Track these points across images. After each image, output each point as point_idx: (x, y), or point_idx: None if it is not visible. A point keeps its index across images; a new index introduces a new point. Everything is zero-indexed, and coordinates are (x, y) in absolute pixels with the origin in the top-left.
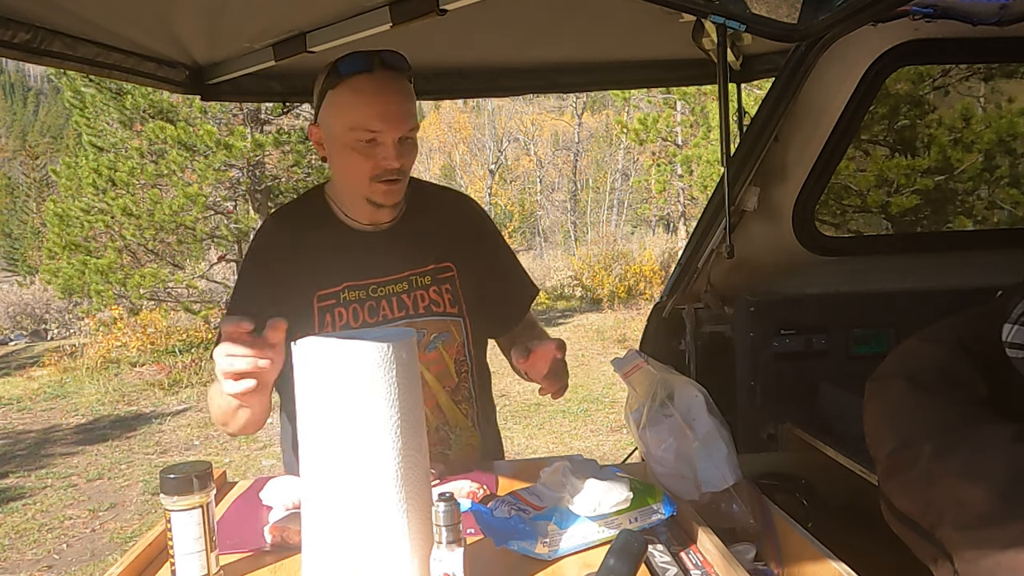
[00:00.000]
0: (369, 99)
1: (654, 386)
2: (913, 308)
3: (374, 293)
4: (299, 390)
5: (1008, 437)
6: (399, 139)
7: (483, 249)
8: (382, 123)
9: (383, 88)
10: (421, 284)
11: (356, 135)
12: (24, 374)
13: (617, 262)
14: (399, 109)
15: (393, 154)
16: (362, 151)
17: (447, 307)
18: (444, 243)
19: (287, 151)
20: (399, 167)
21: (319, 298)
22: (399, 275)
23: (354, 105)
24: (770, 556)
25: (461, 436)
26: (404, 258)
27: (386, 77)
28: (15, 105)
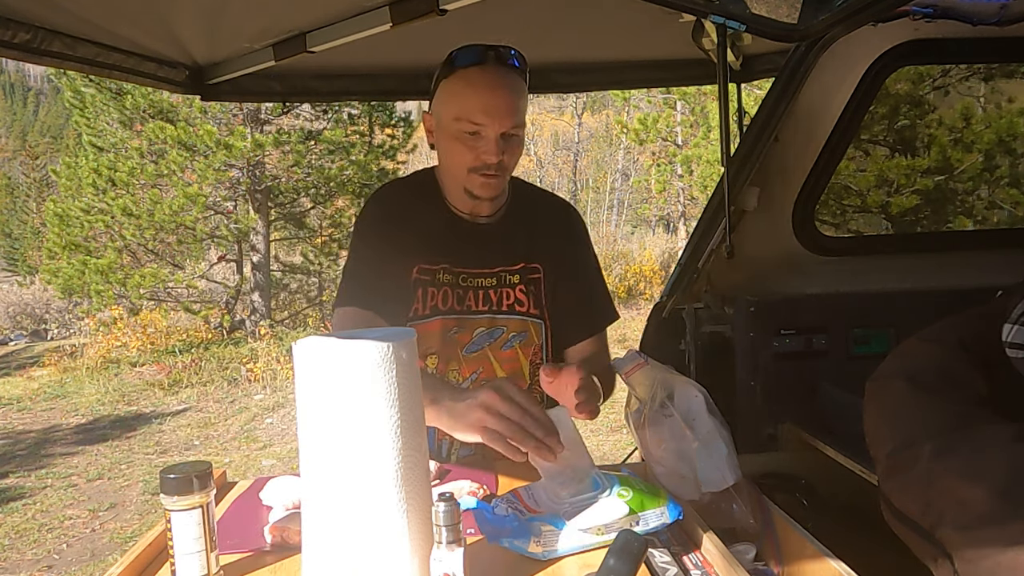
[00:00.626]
0: (477, 91)
1: (654, 386)
2: (913, 308)
3: (464, 282)
4: (299, 390)
5: (1008, 437)
6: (502, 134)
7: (575, 260)
8: (486, 117)
9: (492, 82)
10: (509, 282)
11: (461, 125)
12: (24, 374)
13: (617, 262)
14: (505, 104)
15: (494, 148)
16: (465, 142)
17: (530, 308)
18: (537, 244)
19: (287, 151)
20: (498, 162)
21: (419, 270)
22: (490, 269)
23: (462, 96)
24: (770, 556)
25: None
26: (498, 254)
27: (498, 72)
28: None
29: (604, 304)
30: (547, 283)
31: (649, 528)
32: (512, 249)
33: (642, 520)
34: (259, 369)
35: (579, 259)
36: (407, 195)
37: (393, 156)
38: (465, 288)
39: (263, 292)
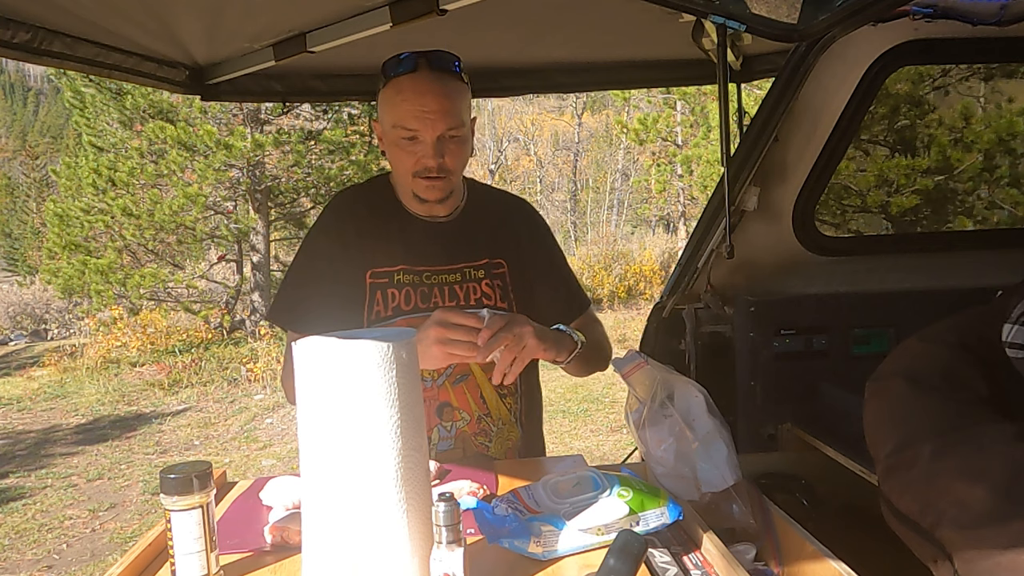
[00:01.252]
0: (407, 98)
1: (654, 386)
2: (913, 308)
3: (427, 280)
4: (299, 390)
5: (1008, 437)
6: (439, 138)
7: (536, 252)
8: (419, 123)
9: (423, 88)
10: (474, 277)
11: (398, 132)
12: (24, 374)
13: (617, 262)
14: (437, 108)
15: (431, 152)
16: (404, 148)
17: (497, 301)
18: (499, 240)
19: (287, 151)
20: (438, 165)
21: (372, 275)
22: (453, 266)
23: (395, 103)
24: (770, 556)
25: (503, 431)
26: (459, 250)
27: (429, 77)
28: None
29: (573, 295)
30: (512, 277)
31: (649, 528)
32: (473, 246)
33: (642, 520)
34: (259, 369)
35: (544, 253)
36: (360, 201)
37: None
38: (430, 286)
39: (263, 292)
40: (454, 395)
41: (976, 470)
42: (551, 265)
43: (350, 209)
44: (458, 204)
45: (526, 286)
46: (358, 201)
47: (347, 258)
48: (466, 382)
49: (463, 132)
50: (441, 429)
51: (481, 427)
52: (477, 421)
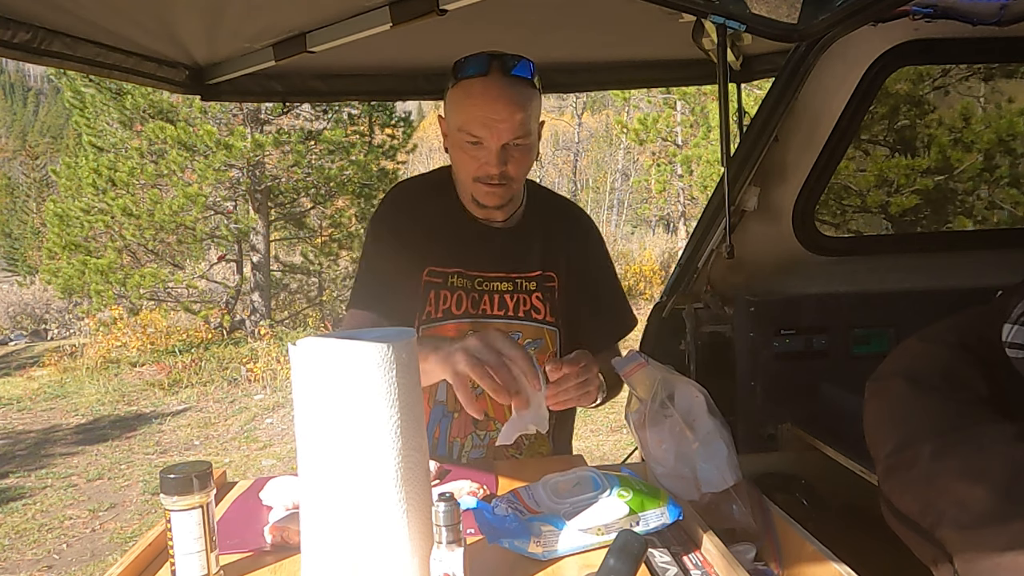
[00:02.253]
0: (476, 103)
1: (654, 386)
2: (913, 308)
3: (479, 286)
4: (298, 390)
5: (1008, 437)
6: (504, 146)
7: (589, 269)
8: (485, 130)
9: (492, 95)
10: (526, 288)
11: (463, 136)
12: (24, 374)
13: (617, 262)
14: (506, 117)
15: (494, 160)
16: (468, 151)
17: (547, 315)
18: (553, 252)
19: (287, 151)
20: (500, 173)
21: (429, 273)
22: (506, 274)
23: (463, 107)
24: (770, 556)
25: (534, 444)
26: (513, 259)
27: (500, 83)
28: (15, 105)
29: (621, 315)
30: (561, 292)
31: (649, 528)
32: (528, 255)
33: (642, 520)
34: (259, 369)
35: (597, 268)
36: (421, 194)
37: (393, 156)
38: (480, 292)
39: (263, 292)
40: (491, 405)
41: (976, 470)
42: (601, 283)
43: (412, 203)
44: (516, 209)
45: (573, 303)
46: (419, 195)
47: (408, 251)
48: None
49: (530, 140)
50: (475, 437)
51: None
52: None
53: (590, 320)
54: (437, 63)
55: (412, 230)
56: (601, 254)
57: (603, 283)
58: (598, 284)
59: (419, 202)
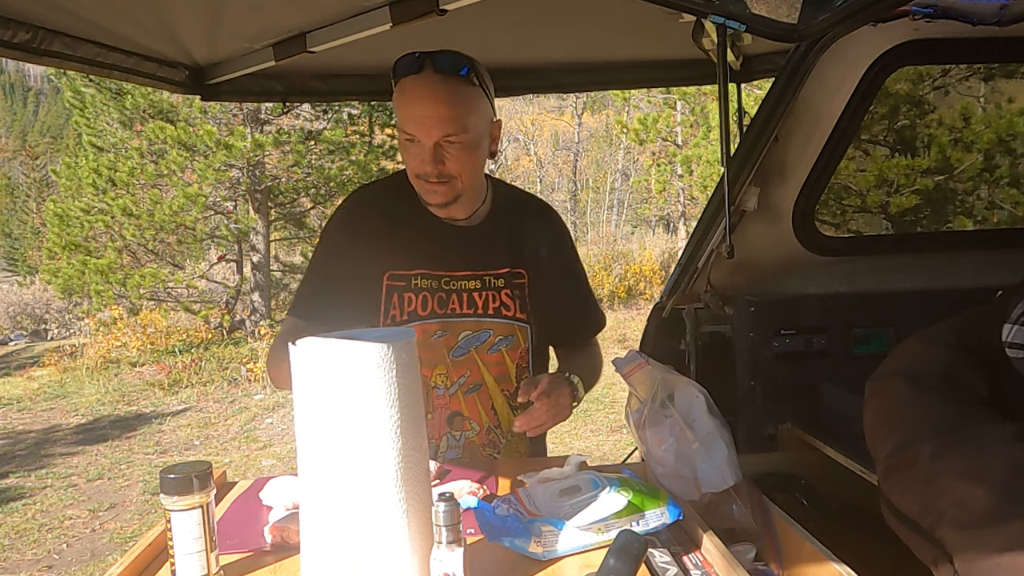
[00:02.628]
0: (408, 102)
1: (655, 386)
2: (913, 308)
3: (446, 285)
4: (298, 390)
5: (1008, 437)
6: (436, 144)
7: (558, 265)
8: (417, 128)
9: (423, 93)
10: (494, 285)
11: (402, 135)
12: (24, 374)
13: (617, 262)
14: (436, 115)
15: (428, 158)
16: (408, 150)
17: (517, 312)
18: (521, 248)
19: (287, 151)
20: (437, 171)
21: (391, 276)
22: (474, 272)
23: (399, 106)
24: (770, 556)
25: (511, 443)
26: (480, 257)
27: (430, 80)
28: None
29: (591, 311)
30: (532, 288)
31: (649, 528)
32: (496, 253)
33: (642, 520)
34: (259, 369)
35: (567, 265)
36: (380, 200)
37: (393, 156)
38: (448, 291)
39: (263, 292)
40: (465, 405)
41: (976, 470)
42: (571, 280)
43: (368, 208)
44: (478, 207)
45: (544, 299)
46: (376, 200)
47: (364, 257)
48: (478, 392)
49: (466, 138)
50: (450, 438)
51: (490, 438)
52: (487, 432)
53: (565, 317)
54: None
55: (368, 237)
56: (570, 250)
57: (574, 280)
58: (570, 281)
59: (376, 207)
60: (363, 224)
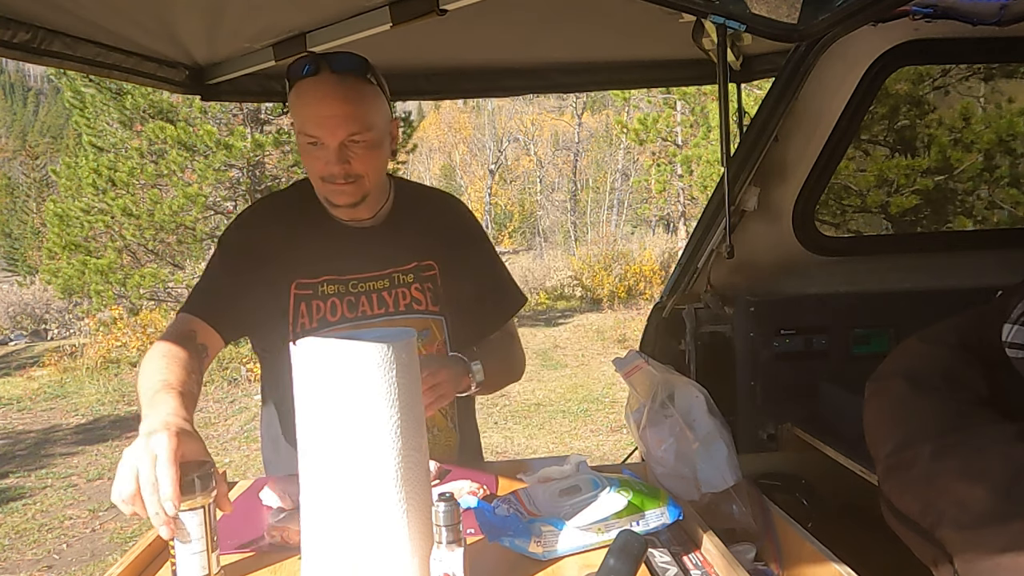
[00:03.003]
0: (308, 103)
1: (655, 386)
2: (913, 308)
3: (354, 288)
4: (299, 390)
5: (1008, 437)
6: (341, 143)
7: (467, 252)
8: (319, 129)
9: (323, 93)
10: (403, 282)
11: (304, 138)
12: (24, 374)
13: (617, 262)
14: (338, 114)
15: (334, 159)
16: (310, 153)
17: (429, 305)
18: (428, 242)
19: (287, 151)
20: (343, 171)
21: (298, 285)
22: (381, 272)
23: (297, 108)
24: (770, 556)
25: (439, 436)
26: (387, 256)
27: (330, 81)
28: (15, 105)
29: (508, 293)
30: (443, 280)
31: (649, 528)
32: (402, 249)
33: (642, 520)
34: (259, 369)
35: (475, 252)
36: (281, 209)
37: (393, 156)
38: (357, 294)
39: None
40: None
41: (976, 470)
42: (482, 265)
43: (270, 217)
44: (382, 206)
45: (457, 288)
46: (278, 209)
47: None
48: None
49: (370, 136)
50: None
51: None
52: None
53: (476, 303)
54: (437, 63)
55: (271, 245)
56: (479, 237)
57: (484, 266)
58: (480, 267)
59: (278, 216)
60: (266, 232)
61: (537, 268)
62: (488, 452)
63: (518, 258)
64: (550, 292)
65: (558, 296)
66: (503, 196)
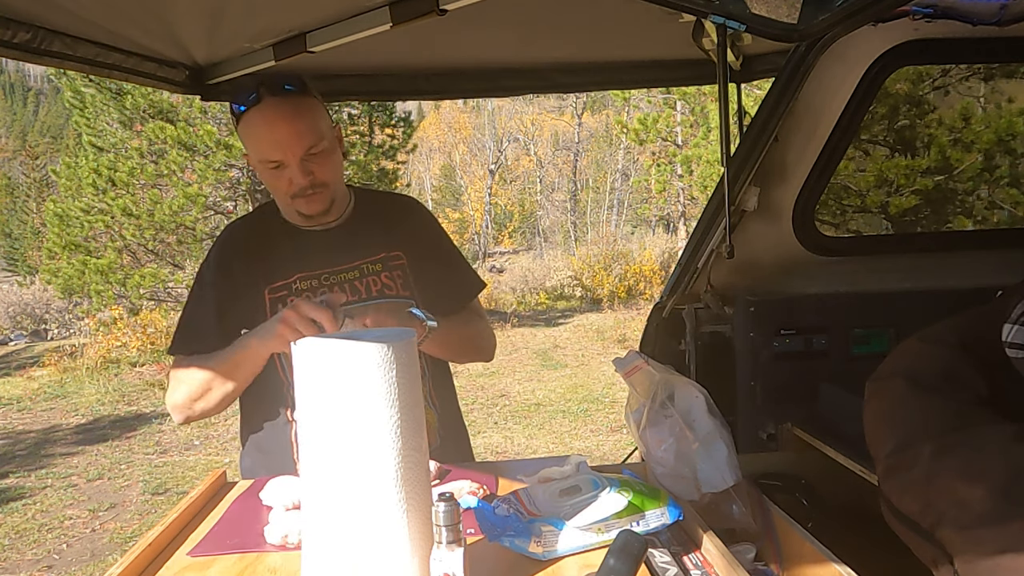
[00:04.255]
0: (259, 132)
1: (655, 386)
2: (913, 308)
3: (326, 281)
4: (299, 390)
5: (1008, 437)
6: (302, 159)
7: (430, 241)
8: (278, 151)
9: (271, 118)
10: (372, 271)
11: (264, 164)
12: (24, 374)
13: (617, 262)
14: (291, 131)
15: (299, 174)
16: (274, 176)
17: (399, 290)
18: (394, 235)
19: None
20: (310, 182)
21: (271, 290)
22: (351, 264)
23: (252, 139)
24: (770, 556)
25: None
26: (355, 250)
27: (273, 105)
28: (15, 105)
29: (468, 276)
30: (411, 266)
31: (649, 528)
32: (369, 243)
33: (642, 520)
34: None
35: (437, 243)
36: (248, 230)
37: (393, 156)
38: (330, 285)
39: None
40: None
41: (976, 470)
42: (444, 253)
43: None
44: (344, 210)
45: (424, 274)
46: (246, 231)
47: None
48: None
49: (324, 145)
50: None
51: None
52: None
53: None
54: (437, 63)
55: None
56: (439, 231)
57: (445, 255)
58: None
59: (247, 236)
60: (237, 253)
61: (537, 268)
62: (488, 452)
63: (518, 258)
64: (550, 292)
65: (558, 296)
66: (503, 196)
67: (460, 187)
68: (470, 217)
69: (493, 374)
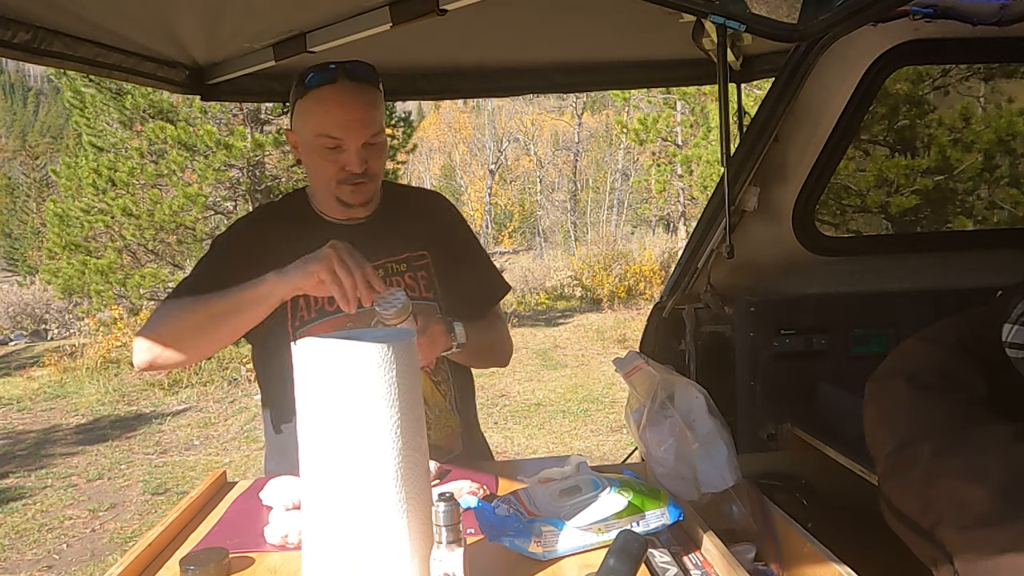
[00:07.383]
0: (331, 109)
1: (655, 387)
2: (913, 308)
3: None
4: (299, 390)
5: (1008, 437)
6: (363, 145)
7: (455, 242)
8: (344, 132)
9: (345, 99)
10: (396, 270)
11: (322, 141)
12: (24, 374)
13: (617, 262)
14: (361, 117)
15: (356, 160)
16: (328, 156)
17: (422, 291)
18: (418, 234)
19: (287, 151)
20: (363, 171)
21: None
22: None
23: (318, 114)
24: (770, 556)
25: (440, 417)
26: (379, 248)
27: (349, 88)
28: (15, 105)
29: (494, 280)
30: (436, 267)
31: (649, 528)
32: (395, 241)
33: (642, 520)
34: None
35: (463, 242)
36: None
37: (393, 156)
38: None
39: None
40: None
41: (976, 470)
42: (470, 253)
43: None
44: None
45: (450, 274)
46: (272, 214)
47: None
48: None
49: (382, 139)
50: None
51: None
52: None
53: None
54: (437, 63)
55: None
56: (465, 229)
57: (472, 256)
58: (468, 257)
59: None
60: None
61: (537, 268)
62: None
63: (518, 258)
64: (550, 292)
65: (558, 296)
66: (503, 196)
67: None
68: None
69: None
